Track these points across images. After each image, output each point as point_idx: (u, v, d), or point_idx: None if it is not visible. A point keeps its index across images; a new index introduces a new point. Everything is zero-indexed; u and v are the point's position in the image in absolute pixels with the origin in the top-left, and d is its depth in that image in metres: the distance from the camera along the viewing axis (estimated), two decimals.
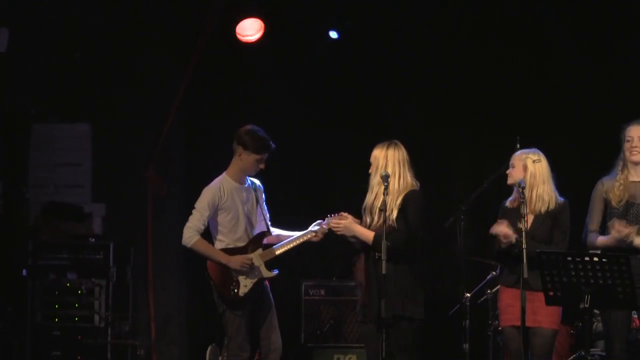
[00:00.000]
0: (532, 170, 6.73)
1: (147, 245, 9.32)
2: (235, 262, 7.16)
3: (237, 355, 7.14)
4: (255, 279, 7.21)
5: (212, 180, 7.38)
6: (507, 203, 6.88)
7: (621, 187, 6.73)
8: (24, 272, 8.75)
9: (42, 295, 8.76)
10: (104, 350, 8.65)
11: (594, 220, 6.83)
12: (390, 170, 6.71)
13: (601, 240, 6.72)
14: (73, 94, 9.46)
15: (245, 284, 7.17)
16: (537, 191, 6.70)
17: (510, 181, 6.82)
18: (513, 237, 6.57)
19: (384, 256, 6.42)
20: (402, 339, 6.58)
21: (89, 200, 9.43)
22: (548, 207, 6.68)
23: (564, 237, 6.68)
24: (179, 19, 9.47)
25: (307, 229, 7.35)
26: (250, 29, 9.10)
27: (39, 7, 9.22)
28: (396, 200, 6.68)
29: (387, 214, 6.58)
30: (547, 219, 6.67)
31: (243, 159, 7.25)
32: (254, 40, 9.15)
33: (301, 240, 7.33)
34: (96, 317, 8.73)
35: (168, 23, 9.49)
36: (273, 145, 7.27)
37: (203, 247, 7.21)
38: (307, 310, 8.83)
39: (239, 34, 9.14)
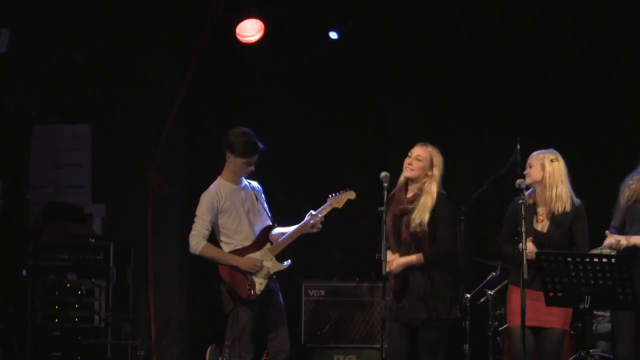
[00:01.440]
0: (550, 170, 6.73)
1: (147, 245, 9.33)
2: (245, 264, 7.20)
3: (241, 357, 7.14)
4: (269, 275, 7.25)
5: (212, 181, 7.41)
6: (521, 200, 6.86)
7: (633, 186, 6.71)
8: (24, 272, 8.74)
9: (43, 295, 8.75)
10: (104, 350, 8.65)
11: (616, 217, 6.84)
12: (434, 172, 6.76)
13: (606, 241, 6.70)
14: (73, 95, 9.47)
15: (259, 282, 7.21)
16: (556, 190, 6.70)
17: (528, 181, 6.77)
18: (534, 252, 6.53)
19: (383, 257, 6.45)
20: (428, 339, 6.64)
21: (89, 200, 9.44)
22: (565, 208, 6.68)
23: (584, 239, 6.70)
24: (179, 20, 9.47)
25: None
26: (250, 30, 9.10)
27: (39, 7, 9.22)
28: (429, 204, 6.70)
29: (414, 216, 6.63)
30: (564, 221, 6.67)
31: (232, 162, 7.29)
32: (254, 40, 9.14)
33: (302, 231, 7.33)
34: (96, 318, 8.72)
35: (168, 23, 9.49)
36: (261, 147, 7.27)
37: (211, 252, 7.24)
38: (308, 311, 8.84)
39: (239, 35, 9.13)
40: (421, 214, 6.67)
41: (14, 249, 8.87)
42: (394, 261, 6.70)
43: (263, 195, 7.51)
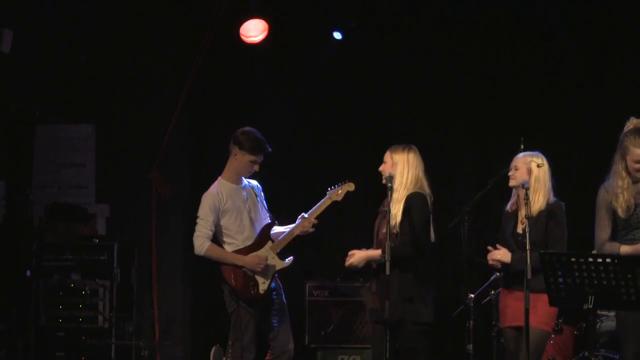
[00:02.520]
0: (536, 175, 6.75)
1: (151, 245, 9.33)
2: (251, 262, 7.20)
3: (243, 357, 7.15)
4: (272, 273, 7.26)
5: (215, 180, 7.41)
6: (507, 207, 6.89)
7: (626, 194, 6.69)
8: (28, 273, 8.75)
9: (46, 296, 8.75)
10: (108, 351, 8.65)
11: (604, 229, 6.66)
12: (398, 172, 6.73)
13: (625, 249, 6.54)
14: (77, 95, 9.47)
15: (263, 281, 7.22)
16: (538, 195, 6.72)
17: (512, 183, 6.82)
18: (507, 258, 6.61)
19: (387, 257, 6.45)
20: (408, 342, 6.63)
21: (92, 201, 9.46)
22: (540, 208, 6.71)
23: (562, 235, 6.70)
24: (183, 20, 9.48)
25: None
26: (254, 30, 9.10)
27: (43, 8, 9.22)
28: (400, 204, 6.71)
29: (390, 218, 6.62)
30: (540, 219, 6.68)
31: (238, 159, 7.27)
32: (257, 41, 9.15)
33: (297, 232, 7.34)
34: (100, 318, 8.73)
35: (172, 24, 9.50)
36: (269, 148, 7.28)
37: (216, 252, 7.24)
38: (311, 311, 8.83)
39: (243, 35, 9.14)
40: (394, 217, 6.68)
41: (17, 250, 8.88)
42: (356, 254, 6.72)
43: (262, 193, 7.52)
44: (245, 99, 9.62)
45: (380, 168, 6.87)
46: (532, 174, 6.75)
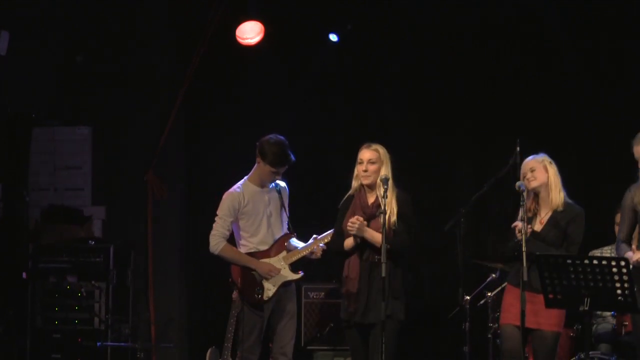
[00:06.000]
0: (552, 172, 6.83)
1: (147, 247, 9.33)
2: (263, 268, 7.22)
3: (247, 358, 7.17)
4: (280, 282, 7.26)
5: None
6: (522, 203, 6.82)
7: None
8: (24, 275, 8.76)
9: (42, 298, 8.77)
10: (104, 353, 8.64)
11: (623, 229, 6.74)
12: (386, 172, 6.75)
13: (629, 255, 6.56)
14: (73, 97, 9.47)
15: (269, 288, 7.23)
16: (557, 192, 6.78)
17: (535, 184, 6.82)
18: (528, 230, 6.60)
19: (383, 259, 6.44)
20: (389, 341, 6.64)
21: (89, 203, 9.44)
22: (558, 207, 6.74)
23: (579, 239, 6.73)
24: (180, 23, 9.47)
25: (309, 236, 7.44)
26: (250, 32, 9.09)
27: (40, 9, 9.22)
28: (392, 202, 6.70)
29: (388, 216, 6.63)
30: (561, 221, 6.71)
31: (261, 167, 7.32)
32: (253, 43, 9.14)
33: (309, 249, 7.36)
34: (96, 320, 8.73)
35: (168, 26, 9.49)
36: (292, 160, 7.30)
37: (231, 252, 7.26)
38: (307, 313, 8.81)
39: (239, 37, 9.13)
40: (394, 215, 6.71)
41: (13, 252, 8.89)
42: (359, 223, 6.64)
43: (287, 193, 7.50)
44: (241, 100, 9.59)
45: (371, 169, 6.83)
46: (548, 171, 6.81)
